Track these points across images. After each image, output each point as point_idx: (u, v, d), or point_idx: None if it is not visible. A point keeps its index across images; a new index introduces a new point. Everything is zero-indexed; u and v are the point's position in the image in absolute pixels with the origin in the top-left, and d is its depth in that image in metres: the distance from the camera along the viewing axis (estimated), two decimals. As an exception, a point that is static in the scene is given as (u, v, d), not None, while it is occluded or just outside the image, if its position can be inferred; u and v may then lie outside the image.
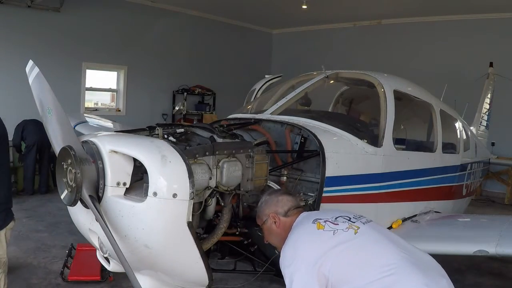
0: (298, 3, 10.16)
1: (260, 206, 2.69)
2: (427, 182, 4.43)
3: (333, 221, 2.40)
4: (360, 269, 2.20)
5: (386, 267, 2.18)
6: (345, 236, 2.31)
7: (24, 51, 8.79)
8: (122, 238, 2.36)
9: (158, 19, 11.79)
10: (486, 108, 8.59)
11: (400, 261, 2.23)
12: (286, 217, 2.59)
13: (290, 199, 2.67)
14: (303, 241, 2.34)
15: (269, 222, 2.61)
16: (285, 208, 2.61)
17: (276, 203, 2.63)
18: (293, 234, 2.43)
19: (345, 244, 2.27)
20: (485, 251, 3.30)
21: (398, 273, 2.17)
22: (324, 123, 3.58)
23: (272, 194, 2.72)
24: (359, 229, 2.37)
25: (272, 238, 2.66)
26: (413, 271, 2.21)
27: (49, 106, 2.52)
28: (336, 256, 2.23)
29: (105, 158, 2.39)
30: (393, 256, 2.25)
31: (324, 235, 2.32)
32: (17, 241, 5.89)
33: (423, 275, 2.23)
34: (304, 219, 2.51)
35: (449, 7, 10.62)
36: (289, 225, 2.53)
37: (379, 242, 2.34)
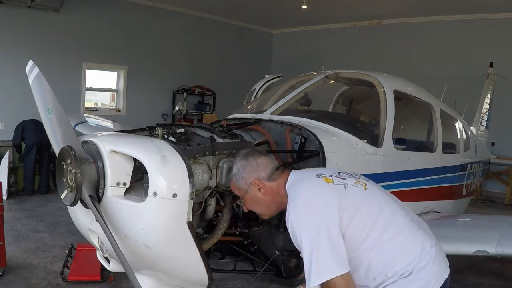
0: (298, 3, 10.16)
1: (237, 174, 2.41)
2: (427, 182, 4.43)
3: (338, 175, 2.31)
4: (374, 225, 2.16)
5: (395, 227, 2.19)
6: (356, 191, 2.24)
7: (24, 51, 8.79)
8: (122, 238, 2.36)
9: (158, 19, 11.80)
10: (486, 108, 8.60)
11: (409, 222, 2.25)
12: (271, 181, 2.38)
13: (269, 160, 2.44)
14: (318, 196, 2.19)
15: (253, 190, 2.38)
16: (267, 171, 2.38)
17: (256, 167, 2.39)
18: (301, 192, 2.25)
19: (358, 199, 2.21)
20: (485, 251, 3.30)
21: (407, 232, 2.21)
22: (324, 123, 3.58)
23: (248, 158, 2.43)
24: (366, 185, 2.31)
25: (256, 207, 2.46)
26: (419, 232, 2.25)
27: (49, 106, 2.53)
28: (351, 211, 2.14)
29: (105, 158, 2.39)
30: (402, 217, 2.25)
31: (336, 189, 2.21)
32: (17, 241, 5.90)
33: (429, 238, 2.28)
34: (303, 176, 2.37)
35: (449, 7, 10.63)
36: (276, 190, 2.37)
37: (387, 201, 2.32)
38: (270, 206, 2.39)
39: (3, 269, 4.77)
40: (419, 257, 2.18)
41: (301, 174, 2.40)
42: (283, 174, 2.41)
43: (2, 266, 4.76)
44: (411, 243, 2.21)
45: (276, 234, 3.07)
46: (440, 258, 2.29)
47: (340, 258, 2.06)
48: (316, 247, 2.05)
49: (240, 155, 2.47)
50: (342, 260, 2.06)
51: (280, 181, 2.38)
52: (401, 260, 2.17)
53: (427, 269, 2.19)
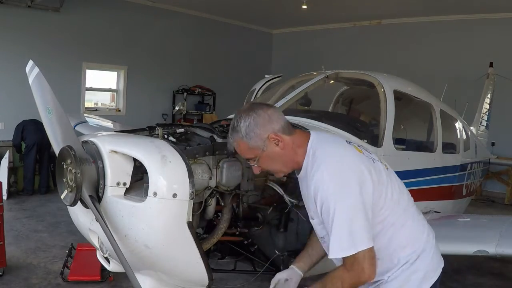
0: (298, 3, 10.17)
1: (249, 131, 2.10)
2: (427, 182, 4.43)
3: (364, 148, 2.24)
4: (394, 207, 2.15)
5: (410, 213, 2.23)
6: (382, 168, 2.17)
7: (24, 51, 8.80)
8: (122, 238, 2.36)
9: (158, 19, 11.80)
10: (486, 108, 8.60)
11: (418, 210, 2.30)
12: (287, 134, 2.14)
13: (277, 110, 2.22)
14: (355, 163, 2.05)
15: (270, 146, 2.12)
16: (281, 123, 2.14)
17: (269, 120, 2.11)
18: (335, 155, 2.08)
19: (384, 176, 2.14)
20: (485, 251, 3.30)
21: (417, 220, 2.25)
22: (324, 123, 3.58)
23: (257, 110, 2.12)
24: (386, 165, 2.27)
25: (274, 164, 2.20)
26: (425, 222, 2.32)
27: (49, 106, 2.52)
28: (379, 187, 2.07)
29: (105, 158, 2.39)
30: (413, 204, 2.29)
31: (367, 161, 2.11)
32: (17, 241, 5.90)
33: (431, 229, 2.33)
34: (330, 138, 2.25)
35: (449, 7, 10.63)
36: (295, 145, 2.15)
37: (404, 186, 2.32)
38: (287, 162, 2.18)
39: (3, 269, 4.78)
40: (424, 246, 2.21)
41: (327, 136, 2.27)
42: (295, 130, 2.21)
43: (2, 266, 4.77)
44: (419, 231, 2.24)
45: (276, 234, 3.07)
46: (438, 249, 2.32)
47: (370, 230, 2.02)
48: (353, 216, 1.97)
49: (243, 111, 2.15)
50: (371, 233, 2.02)
51: (295, 137, 2.17)
52: (408, 247, 2.18)
53: (428, 258, 2.21)
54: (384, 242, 2.14)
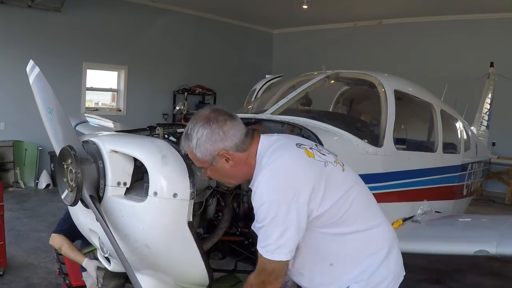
0: (299, 3, 10.17)
1: (199, 144, 2.03)
2: (428, 182, 4.43)
3: (318, 149, 2.11)
4: (346, 212, 2.03)
5: (367, 219, 2.12)
6: (335, 171, 2.06)
7: (24, 51, 8.81)
8: (122, 238, 2.36)
9: (158, 18, 11.81)
10: (487, 108, 8.59)
11: (380, 215, 2.19)
12: (240, 151, 2.05)
13: (237, 127, 2.07)
14: (298, 168, 1.97)
15: (219, 162, 2.06)
16: (236, 140, 2.04)
17: (223, 137, 2.02)
18: (279, 159, 1.99)
19: (336, 181, 2.04)
20: (486, 251, 3.29)
21: (378, 226, 2.14)
22: (324, 123, 3.57)
23: (212, 125, 2.02)
24: (343, 166, 2.13)
25: (222, 178, 2.20)
26: (388, 228, 2.23)
27: (49, 106, 2.53)
28: (327, 193, 1.97)
29: (106, 158, 2.40)
30: (375, 208, 2.18)
31: (316, 166, 2.00)
32: (18, 241, 5.90)
33: (394, 236, 2.25)
34: (280, 142, 2.09)
35: (449, 7, 10.64)
36: (247, 160, 2.07)
37: (363, 188, 2.20)
38: (237, 177, 2.15)
39: (3, 269, 4.78)
40: (385, 254, 2.12)
41: (277, 140, 2.11)
42: (254, 140, 2.10)
43: (3, 266, 4.77)
44: (379, 238, 2.14)
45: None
46: (399, 259, 2.23)
47: (292, 244, 1.95)
48: (281, 226, 1.91)
49: (201, 119, 2.05)
50: (293, 247, 1.96)
51: (251, 150, 2.08)
52: (364, 254, 2.10)
53: (388, 266, 2.13)
54: (336, 247, 2.08)
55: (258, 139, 2.12)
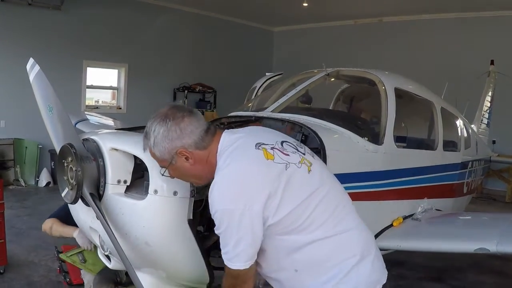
0: (299, 0, 10.16)
1: (157, 143, 1.97)
2: (428, 180, 4.43)
3: (281, 148, 1.96)
4: (309, 218, 1.91)
5: (339, 225, 1.97)
6: (298, 173, 1.92)
7: (24, 49, 8.78)
8: (122, 236, 2.36)
9: (159, 16, 11.81)
10: (487, 106, 8.58)
11: (353, 221, 2.04)
12: (200, 149, 1.98)
13: (196, 123, 1.99)
14: (251, 174, 1.87)
15: (179, 161, 1.99)
16: (194, 137, 1.97)
17: (180, 134, 1.95)
18: (233, 164, 1.90)
19: (298, 184, 1.91)
20: (486, 249, 3.29)
21: (349, 232, 1.99)
22: (325, 121, 3.57)
23: (168, 122, 1.96)
24: (311, 166, 1.99)
25: (185, 178, 2.12)
26: (363, 234, 2.06)
27: (49, 104, 2.52)
28: (283, 199, 1.86)
29: (106, 156, 2.40)
30: (349, 214, 2.04)
31: (274, 169, 1.88)
32: (18, 239, 5.91)
33: (370, 242, 2.08)
34: (240, 142, 1.98)
35: (449, 4, 10.62)
36: (208, 158, 1.99)
37: (333, 190, 2.05)
38: (201, 176, 2.06)
39: (4, 267, 4.78)
40: (355, 262, 1.97)
41: (238, 139, 1.99)
42: (215, 137, 2.01)
43: (3, 264, 4.77)
44: (349, 245, 2.00)
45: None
46: (376, 267, 2.06)
47: (249, 253, 1.90)
48: (232, 233, 1.86)
49: (158, 116, 2.00)
50: (251, 255, 1.91)
51: (212, 147, 1.99)
52: (332, 261, 1.97)
53: (359, 274, 1.98)
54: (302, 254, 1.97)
55: (220, 136, 2.02)
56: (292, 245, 1.95)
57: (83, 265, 3.58)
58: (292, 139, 2.15)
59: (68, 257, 3.62)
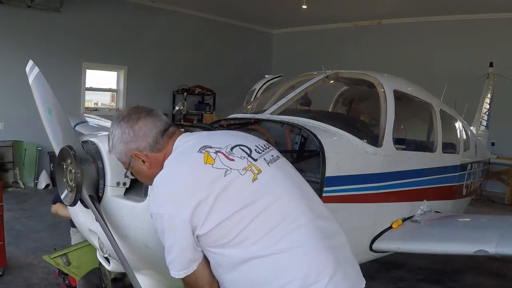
0: (298, 3, 10.16)
1: (114, 145, 1.98)
2: (427, 182, 4.43)
3: (228, 153, 1.82)
4: (245, 233, 1.72)
5: (282, 243, 1.72)
6: (237, 182, 1.76)
7: (24, 51, 8.81)
8: (122, 238, 2.36)
9: (158, 19, 11.80)
10: (486, 108, 8.59)
11: (304, 238, 1.76)
12: (155, 151, 1.93)
13: (150, 125, 1.94)
14: (183, 178, 1.78)
15: (136, 163, 1.97)
16: (148, 139, 1.93)
17: (133, 137, 1.92)
18: (170, 163, 1.86)
19: (235, 194, 1.75)
20: (485, 251, 3.29)
21: (294, 251, 1.73)
22: (324, 123, 3.57)
23: (122, 125, 1.94)
24: (260, 174, 1.82)
25: (146, 181, 2.06)
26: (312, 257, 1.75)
27: (49, 106, 2.52)
28: (213, 208, 1.72)
29: (105, 158, 2.40)
30: (299, 229, 1.77)
31: (211, 175, 1.75)
32: (17, 241, 5.90)
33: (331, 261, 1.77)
34: (187, 144, 1.90)
35: (449, 7, 10.64)
36: (162, 159, 1.92)
37: (283, 200, 1.82)
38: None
39: (3, 269, 4.77)
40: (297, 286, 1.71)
41: (188, 142, 1.92)
42: (171, 139, 1.96)
43: (2, 266, 4.76)
44: (292, 265, 1.73)
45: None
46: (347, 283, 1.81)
47: (183, 262, 1.79)
48: (164, 238, 1.79)
49: (116, 118, 1.99)
50: (185, 265, 1.80)
51: (167, 149, 1.94)
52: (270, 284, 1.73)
53: None
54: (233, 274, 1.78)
55: (176, 138, 1.97)
56: (230, 260, 1.76)
57: (67, 268, 3.52)
58: (261, 143, 2.00)
59: (51, 259, 3.53)
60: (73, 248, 3.59)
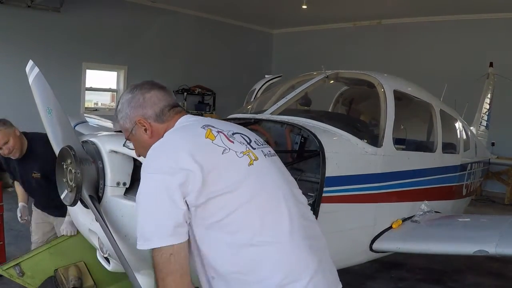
0: (298, 3, 10.16)
1: (122, 109, 1.96)
2: (427, 182, 4.43)
3: (228, 135, 1.82)
4: (233, 214, 1.69)
5: (266, 235, 1.70)
6: (234, 162, 1.75)
7: (24, 51, 8.80)
8: (122, 238, 2.36)
9: (158, 19, 11.80)
10: (486, 108, 8.59)
11: (286, 235, 1.74)
12: (159, 122, 1.92)
13: (161, 96, 1.96)
14: (182, 144, 1.74)
15: (138, 131, 1.94)
16: (156, 109, 1.93)
17: (142, 103, 1.93)
18: (170, 133, 1.85)
19: (229, 173, 1.72)
20: (485, 251, 3.29)
21: (276, 246, 1.71)
22: (324, 123, 3.58)
23: (134, 91, 1.95)
24: (256, 161, 1.81)
25: (143, 151, 1.94)
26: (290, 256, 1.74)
27: (49, 106, 2.52)
28: (212, 183, 1.67)
29: (105, 158, 2.40)
30: (283, 223, 1.75)
31: (208, 148, 1.74)
32: (17, 241, 5.90)
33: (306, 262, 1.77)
34: (190, 121, 1.91)
35: (449, 7, 10.64)
36: (163, 132, 1.90)
37: (274, 192, 1.81)
38: None
39: (3, 269, 4.77)
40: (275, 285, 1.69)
41: (192, 119, 1.95)
42: (176, 116, 1.95)
43: (2, 266, 4.75)
44: (272, 261, 1.71)
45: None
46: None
47: (170, 225, 1.66)
48: (144, 203, 1.73)
49: (131, 87, 2.00)
50: (171, 226, 1.66)
51: (170, 123, 1.93)
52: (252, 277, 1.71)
53: None
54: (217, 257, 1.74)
55: (181, 116, 1.96)
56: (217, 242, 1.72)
57: (21, 279, 3.37)
58: (260, 139, 2.00)
59: (4, 270, 3.35)
60: (26, 257, 3.43)
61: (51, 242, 3.61)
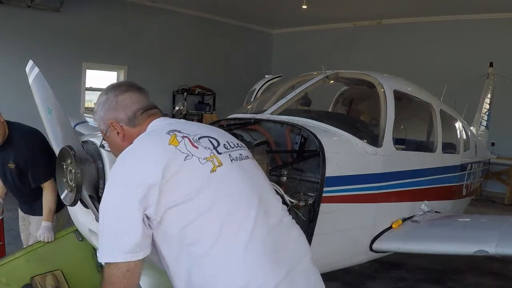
0: (298, 3, 10.16)
1: (97, 111, 1.96)
2: (427, 182, 4.43)
3: (194, 140, 1.77)
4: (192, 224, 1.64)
5: (223, 243, 1.64)
6: (196, 170, 1.70)
7: (24, 51, 8.80)
8: (122, 238, 2.35)
9: (158, 19, 11.80)
10: (486, 108, 8.59)
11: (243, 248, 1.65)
12: (131, 125, 1.91)
13: (134, 99, 1.93)
14: (142, 155, 1.71)
15: (111, 134, 1.94)
16: (128, 112, 1.91)
17: (115, 106, 1.91)
18: (137, 140, 1.82)
19: (187, 182, 1.67)
20: (485, 251, 3.30)
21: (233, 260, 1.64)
22: (324, 123, 3.58)
23: (109, 93, 1.94)
24: (220, 167, 1.74)
25: (118, 154, 1.89)
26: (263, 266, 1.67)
27: (49, 106, 2.52)
28: (170, 194, 1.64)
29: (105, 158, 2.39)
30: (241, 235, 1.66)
31: (170, 154, 1.69)
32: (17, 241, 5.88)
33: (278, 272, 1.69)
34: (160, 126, 1.88)
35: (449, 7, 10.64)
36: (135, 137, 1.87)
37: (237, 201, 1.73)
38: None
39: (3, 269, 4.76)
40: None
41: (162, 124, 1.91)
42: (149, 119, 1.93)
43: (2, 266, 4.74)
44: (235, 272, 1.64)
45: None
46: None
47: (133, 243, 1.62)
48: (106, 215, 1.68)
49: (105, 88, 2.00)
50: (133, 245, 1.63)
51: (142, 127, 1.91)
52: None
53: None
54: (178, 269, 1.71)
55: (155, 119, 1.95)
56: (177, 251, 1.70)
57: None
58: (234, 141, 1.94)
59: None
60: (1, 263, 3.31)
61: (26, 248, 3.49)
